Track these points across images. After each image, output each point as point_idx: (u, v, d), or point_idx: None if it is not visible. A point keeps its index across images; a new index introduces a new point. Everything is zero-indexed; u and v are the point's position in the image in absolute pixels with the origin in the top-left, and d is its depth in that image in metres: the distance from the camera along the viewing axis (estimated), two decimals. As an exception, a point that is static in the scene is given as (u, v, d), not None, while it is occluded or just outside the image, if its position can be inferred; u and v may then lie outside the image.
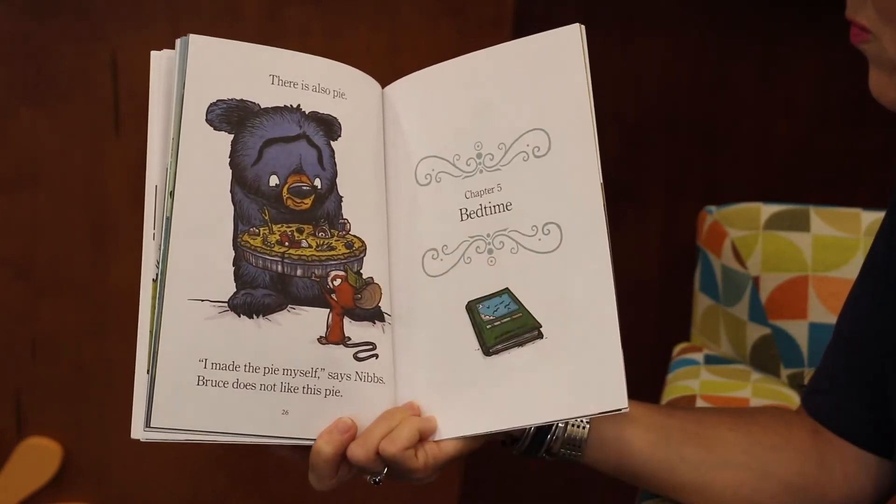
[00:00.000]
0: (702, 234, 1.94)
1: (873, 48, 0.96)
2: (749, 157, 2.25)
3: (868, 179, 2.17)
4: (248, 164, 1.08)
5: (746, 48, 2.21)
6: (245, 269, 1.06)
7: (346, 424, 1.05)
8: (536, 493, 2.36)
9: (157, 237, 1.05)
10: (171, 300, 1.03)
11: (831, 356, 1.20)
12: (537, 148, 1.10)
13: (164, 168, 1.06)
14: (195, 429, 1.03)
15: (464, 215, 1.12)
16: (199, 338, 1.03)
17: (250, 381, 1.04)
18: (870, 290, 1.15)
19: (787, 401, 1.74)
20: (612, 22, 2.19)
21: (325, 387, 1.06)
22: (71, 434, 2.18)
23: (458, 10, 2.07)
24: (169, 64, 1.08)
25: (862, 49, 0.98)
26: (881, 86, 0.97)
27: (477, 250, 1.10)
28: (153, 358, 1.02)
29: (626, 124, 2.23)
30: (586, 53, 1.10)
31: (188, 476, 2.21)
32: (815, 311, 1.84)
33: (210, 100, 1.07)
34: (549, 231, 1.09)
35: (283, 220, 1.08)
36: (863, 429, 1.16)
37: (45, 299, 2.12)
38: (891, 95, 0.97)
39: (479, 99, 1.13)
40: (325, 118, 1.11)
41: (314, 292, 1.07)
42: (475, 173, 1.12)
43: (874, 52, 0.97)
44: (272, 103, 1.10)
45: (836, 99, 2.14)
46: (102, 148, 2.07)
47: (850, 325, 1.17)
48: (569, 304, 1.07)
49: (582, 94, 1.10)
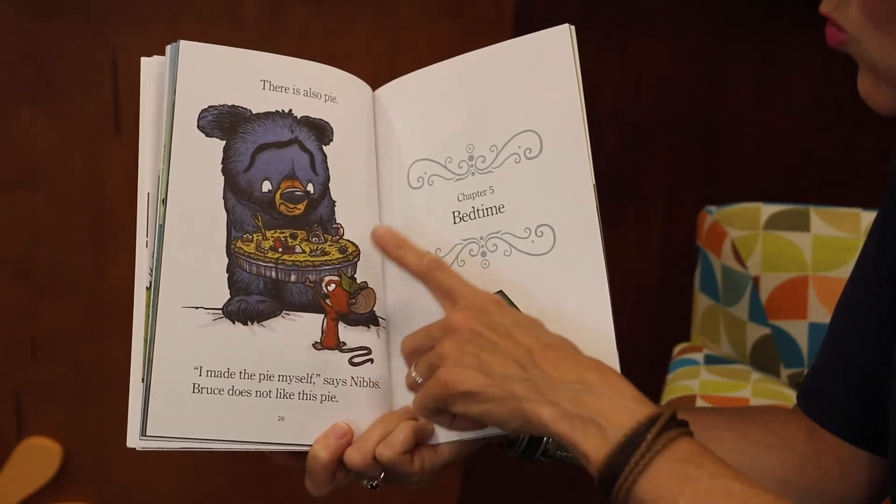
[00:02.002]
0: (702, 234, 1.94)
1: (854, 50, 0.96)
2: (749, 157, 2.25)
3: (868, 179, 2.17)
4: (241, 170, 1.08)
5: (746, 48, 2.20)
6: (239, 276, 1.06)
7: (343, 430, 1.05)
8: (536, 494, 2.36)
9: (150, 245, 1.04)
10: (165, 308, 1.03)
11: (826, 354, 1.20)
12: (529, 150, 1.10)
13: (156, 175, 1.06)
14: (191, 437, 1.02)
15: (456, 218, 1.11)
16: (193, 345, 1.03)
17: (246, 387, 1.04)
18: (863, 288, 1.15)
19: (787, 401, 1.74)
20: (612, 22, 2.18)
21: (321, 392, 1.06)
22: (71, 434, 2.18)
23: (458, 10, 2.07)
24: (160, 70, 1.07)
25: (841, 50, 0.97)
26: (868, 89, 0.97)
27: (470, 253, 1.10)
28: (148, 366, 1.02)
29: (626, 124, 2.22)
30: (577, 54, 1.10)
31: (188, 476, 2.22)
32: (815, 311, 1.84)
33: (201, 106, 1.07)
34: (543, 233, 1.09)
35: (277, 225, 1.08)
36: (858, 427, 1.16)
37: (45, 299, 2.13)
38: (878, 99, 0.96)
39: (471, 101, 1.13)
40: (317, 123, 1.11)
41: (308, 298, 1.07)
42: (467, 176, 1.12)
43: (856, 54, 0.96)
44: (264, 108, 1.09)
45: (836, 99, 2.14)
46: (102, 148, 2.07)
47: (844, 323, 1.17)
48: (563, 305, 1.07)
49: (573, 94, 1.09)
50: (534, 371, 0.96)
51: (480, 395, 0.97)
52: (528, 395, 0.96)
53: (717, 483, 0.90)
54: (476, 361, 0.98)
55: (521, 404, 0.95)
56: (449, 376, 0.98)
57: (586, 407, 0.93)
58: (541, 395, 0.95)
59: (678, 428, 0.93)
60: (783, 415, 1.21)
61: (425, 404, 1.01)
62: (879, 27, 0.93)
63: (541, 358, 0.97)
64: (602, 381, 0.95)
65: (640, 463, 0.91)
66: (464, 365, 0.98)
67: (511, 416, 0.97)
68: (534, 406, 0.95)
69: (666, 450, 0.91)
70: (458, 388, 0.97)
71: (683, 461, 0.91)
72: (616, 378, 0.96)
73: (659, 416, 0.92)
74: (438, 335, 1.01)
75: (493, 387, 0.97)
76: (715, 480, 0.90)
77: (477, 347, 0.98)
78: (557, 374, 0.96)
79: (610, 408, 0.93)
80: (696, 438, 0.94)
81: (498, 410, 0.97)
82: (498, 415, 0.97)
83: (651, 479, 0.91)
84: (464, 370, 0.97)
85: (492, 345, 0.98)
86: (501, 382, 0.97)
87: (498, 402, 0.97)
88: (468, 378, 0.97)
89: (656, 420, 0.92)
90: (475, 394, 0.97)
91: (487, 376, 0.97)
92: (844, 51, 0.97)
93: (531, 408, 0.95)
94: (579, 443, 0.93)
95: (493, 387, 0.97)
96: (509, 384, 0.96)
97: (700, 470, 0.90)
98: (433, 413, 1.01)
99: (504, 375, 0.97)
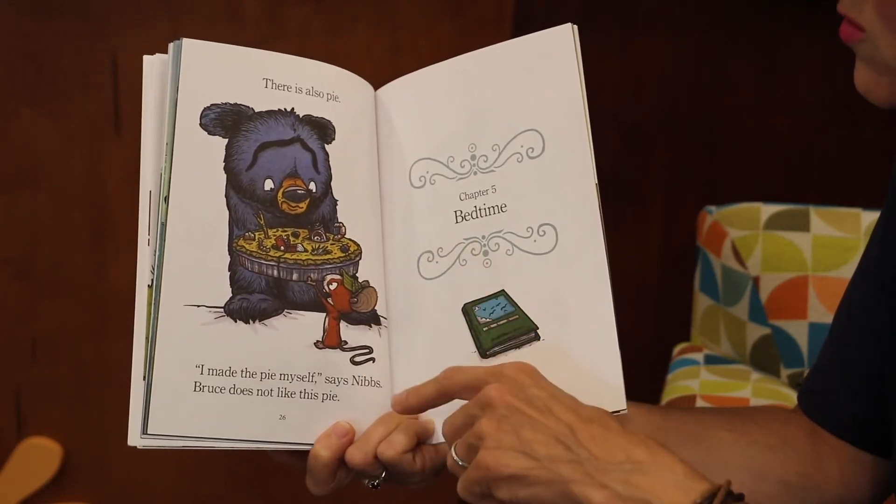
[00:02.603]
0: (702, 234, 1.94)
1: (866, 48, 0.96)
2: (749, 157, 2.25)
3: (868, 179, 2.17)
4: (243, 169, 1.08)
5: (747, 48, 2.21)
6: (241, 274, 1.05)
7: (344, 428, 1.05)
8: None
9: (152, 243, 1.04)
10: (166, 306, 1.03)
11: (827, 355, 1.19)
12: (531, 149, 1.10)
13: (158, 173, 1.05)
14: (192, 435, 1.02)
15: (459, 217, 1.11)
16: (195, 343, 1.03)
17: (247, 386, 1.04)
18: (865, 290, 1.15)
19: (787, 401, 1.74)
20: (612, 22, 2.19)
21: (323, 391, 1.06)
22: (71, 434, 2.18)
23: (458, 10, 2.07)
24: (162, 68, 1.07)
25: (852, 47, 0.97)
26: (870, 83, 0.96)
27: (472, 252, 1.10)
28: (149, 364, 1.02)
29: (626, 124, 2.22)
30: (579, 53, 1.10)
31: (188, 476, 2.22)
32: (815, 311, 1.84)
33: (204, 104, 1.07)
34: (545, 232, 1.09)
35: (279, 224, 1.08)
36: (859, 428, 1.16)
37: (45, 299, 2.12)
38: (879, 94, 0.96)
39: (473, 100, 1.13)
40: (319, 121, 1.11)
41: (310, 296, 1.07)
42: (469, 175, 1.12)
43: (866, 52, 0.96)
44: (266, 107, 1.09)
45: (836, 99, 2.14)
46: (102, 148, 2.07)
47: (846, 324, 1.17)
48: (565, 305, 1.06)
49: (575, 94, 1.09)
50: (580, 451, 0.93)
51: (526, 478, 0.93)
52: (576, 477, 0.92)
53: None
54: (517, 442, 0.94)
55: (570, 487, 0.92)
56: (491, 460, 0.94)
57: (638, 488, 0.90)
58: (590, 478, 0.92)
59: (735, 502, 0.90)
60: (784, 415, 1.21)
61: (471, 489, 0.97)
62: (892, 26, 0.92)
63: (585, 436, 0.93)
64: (652, 460, 0.92)
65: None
66: (505, 447, 0.94)
67: (561, 500, 0.93)
68: (583, 489, 0.91)
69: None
70: (502, 473, 0.94)
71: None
72: (665, 454, 0.93)
73: (716, 493, 0.90)
74: (475, 412, 0.97)
75: (539, 469, 0.93)
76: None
77: (516, 425, 0.95)
78: (604, 453, 0.92)
79: (662, 487, 0.90)
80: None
81: (546, 495, 0.93)
82: (547, 499, 0.93)
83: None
84: (506, 453, 0.94)
85: (532, 422, 0.95)
86: (547, 464, 0.93)
87: (545, 485, 0.93)
88: (512, 461, 0.94)
89: (713, 498, 0.89)
90: (521, 477, 0.93)
91: (532, 458, 0.93)
92: (852, 47, 0.97)
93: (581, 491, 0.91)
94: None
95: (539, 469, 0.93)
96: (556, 466, 0.93)
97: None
98: (479, 498, 0.97)
99: (549, 456, 0.93)
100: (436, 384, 1.03)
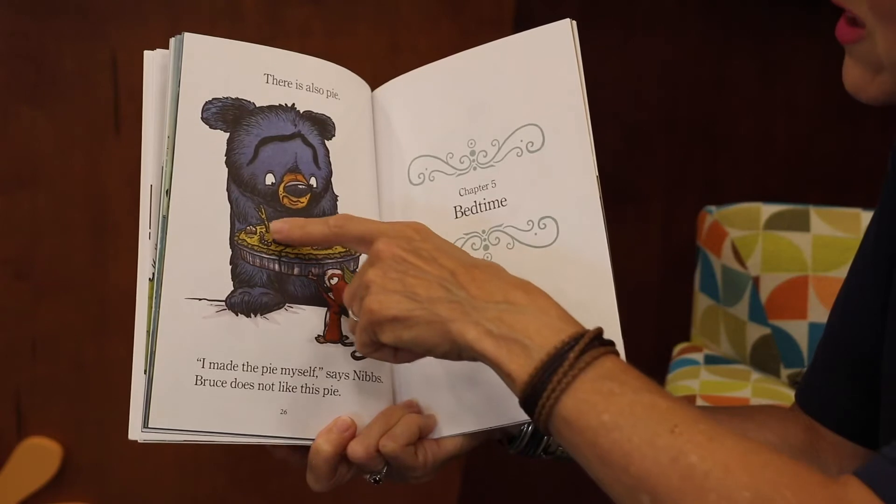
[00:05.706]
0: (702, 234, 1.94)
1: (863, 48, 0.95)
2: (749, 156, 2.25)
3: (868, 179, 2.17)
4: (244, 163, 1.08)
5: (746, 47, 2.21)
6: (242, 268, 1.05)
7: (346, 423, 1.05)
8: (536, 494, 2.36)
9: (154, 236, 1.04)
10: (168, 299, 1.02)
11: (823, 352, 1.19)
12: (531, 143, 1.10)
13: (159, 167, 1.05)
14: (193, 429, 1.02)
15: (458, 213, 1.11)
16: (196, 337, 1.03)
17: (248, 380, 1.04)
18: (860, 286, 1.15)
19: (787, 400, 1.73)
20: (613, 22, 2.19)
21: (324, 386, 1.06)
22: (71, 434, 2.18)
23: (458, 9, 2.07)
24: (163, 63, 1.07)
25: (846, 47, 0.97)
26: (861, 82, 0.96)
27: (472, 247, 1.10)
28: (150, 358, 1.02)
29: (626, 124, 2.23)
30: (578, 47, 1.10)
31: (188, 476, 2.22)
32: (815, 311, 1.85)
33: (205, 98, 1.07)
34: (546, 225, 1.08)
35: (280, 218, 1.08)
36: (857, 423, 1.16)
37: (45, 299, 2.13)
38: (870, 92, 0.96)
39: (472, 96, 1.13)
40: (320, 117, 1.11)
41: (311, 291, 1.07)
42: (469, 170, 1.12)
43: (862, 52, 0.96)
44: (267, 102, 1.09)
45: (836, 99, 2.14)
46: (102, 148, 2.07)
47: (842, 320, 1.17)
48: (567, 298, 1.06)
49: (575, 88, 1.09)
50: (459, 292, 0.95)
51: (408, 319, 0.96)
52: (453, 316, 0.94)
53: (640, 397, 0.87)
54: (401, 287, 0.97)
55: (448, 326, 0.94)
56: (375, 303, 0.97)
57: (511, 327, 0.92)
58: (466, 316, 0.94)
59: (603, 346, 0.91)
60: (781, 413, 1.21)
61: (361, 339, 1.00)
62: (885, 19, 0.92)
63: (466, 279, 0.96)
64: (528, 301, 0.94)
65: (562, 381, 0.89)
66: (388, 291, 0.97)
67: (440, 340, 0.95)
68: (459, 327, 0.94)
69: (590, 368, 0.89)
70: (384, 314, 0.96)
71: (607, 378, 0.89)
72: (543, 297, 0.95)
73: (583, 335, 0.91)
74: (365, 268, 1.00)
75: (419, 310, 0.96)
76: (639, 395, 0.88)
77: (401, 273, 0.97)
78: (483, 294, 0.95)
79: (535, 327, 0.92)
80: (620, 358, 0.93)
81: (427, 334, 0.95)
82: (427, 339, 0.96)
83: (574, 396, 0.89)
84: (389, 296, 0.97)
85: (416, 269, 0.97)
86: (427, 305, 0.96)
87: (425, 325, 0.95)
88: (393, 304, 0.96)
89: (580, 338, 0.90)
90: (402, 319, 0.96)
91: (413, 300, 0.96)
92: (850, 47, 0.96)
93: (457, 328, 0.94)
94: (504, 363, 0.92)
95: (419, 310, 0.96)
96: (435, 307, 0.95)
97: (624, 386, 0.88)
98: (372, 347, 1.00)
99: (429, 298, 0.96)
100: (325, 226, 1.05)
